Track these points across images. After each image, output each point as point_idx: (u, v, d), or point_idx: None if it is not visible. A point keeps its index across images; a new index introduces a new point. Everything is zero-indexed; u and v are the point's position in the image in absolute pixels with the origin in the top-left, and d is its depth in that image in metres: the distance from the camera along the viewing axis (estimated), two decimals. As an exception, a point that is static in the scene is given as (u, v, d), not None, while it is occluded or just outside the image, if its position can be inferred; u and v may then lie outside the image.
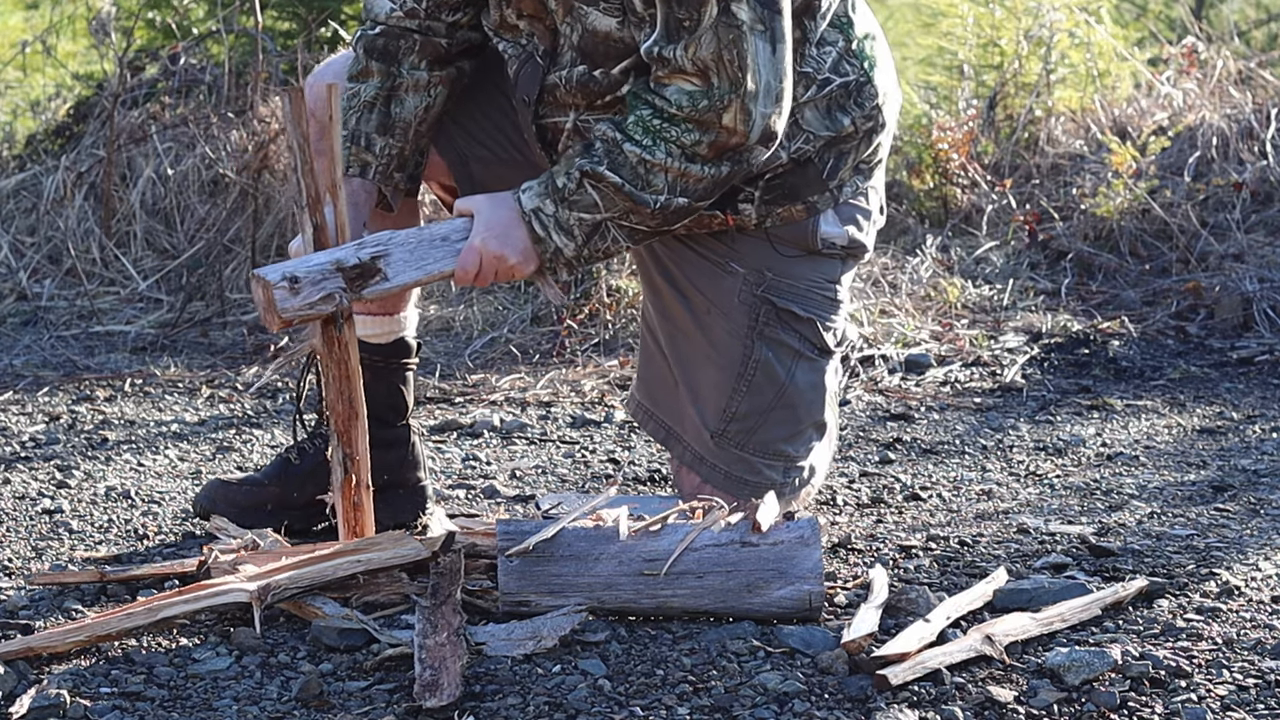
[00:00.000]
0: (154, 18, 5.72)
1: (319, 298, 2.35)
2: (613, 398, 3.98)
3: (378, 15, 2.66)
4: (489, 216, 2.46)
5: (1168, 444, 3.55)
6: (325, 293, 2.35)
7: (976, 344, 4.43)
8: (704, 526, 2.32)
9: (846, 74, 2.59)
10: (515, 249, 2.46)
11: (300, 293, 2.34)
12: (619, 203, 2.44)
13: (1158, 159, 5.26)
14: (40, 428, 3.70)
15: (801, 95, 2.56)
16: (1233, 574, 2.51)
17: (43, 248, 5.10)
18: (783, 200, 2.62)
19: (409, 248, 2.42)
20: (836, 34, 2.59)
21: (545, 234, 2.46)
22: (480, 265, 2.45)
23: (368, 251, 2.38)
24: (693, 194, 2.45)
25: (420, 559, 2.35)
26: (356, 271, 2.37)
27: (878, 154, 2.69)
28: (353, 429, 2.46)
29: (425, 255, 2.43)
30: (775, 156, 2.58)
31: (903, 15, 7.66)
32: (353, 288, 2.36)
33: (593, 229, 2.46)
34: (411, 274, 2.42)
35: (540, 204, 2.45)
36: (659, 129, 2.41)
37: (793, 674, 2.12)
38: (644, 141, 2.41)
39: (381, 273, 2.38)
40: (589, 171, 2.43)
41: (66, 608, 2.43)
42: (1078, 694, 2.07)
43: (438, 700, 2.01)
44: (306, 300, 2.34)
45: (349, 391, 2.45)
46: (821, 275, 2.69)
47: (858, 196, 2.68)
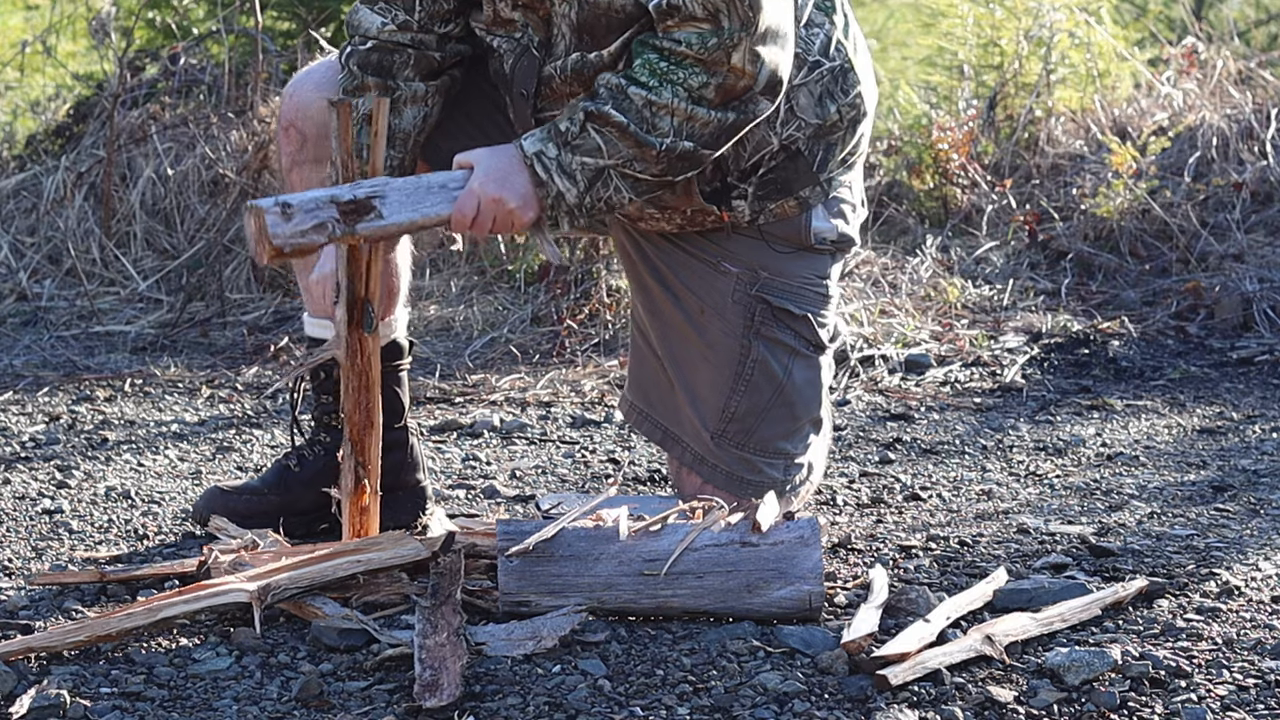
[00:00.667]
0: (154, 18, 5.72)
1: (311, 225, 2.30)
2: (613, 398, 3.98)
3: (368, 30, 2.63)
4: (489, 163, 2.41)
5: (1168, 444, 3.55)
6: (318, 221, 2.30)
7: (976, 344, 4.43)
8: (704, 526, 2.32)
9: (834, 59, 2.60)
10: (515, 193, 2.40)
11: (293, 219, 2.29)
12: (623, 146, 2.40)
13: (1158, 159, 5.26)
14: (40, 428, 3.70)
15: (795, 77, 2.56)
16: (1233, 574, 2.51)
17: (43, 248, 5.10)
18: (776, 195, 2.63)
19: (406, 190, 2.38)
20: (822, 16, 2.60)
21: (548, 177, 2.41)
22: (479, 210, 2.40)
23: (364, 190, 2.35)
24: (699, 139, 2.41)
25: (420, 559, 2.35)
26: (351, 205, 2.32)
27: (860, 145, 2.70)
28: (368, 438, 2.46)
29: (422, 199, 2.38)
30: (765, 141, 2.58)
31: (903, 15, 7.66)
32: (346, 220, 2.32)
33: (595, 174, 2.41)
34: (407, 214, 2.37)
35: (542, 147, 2.41)
36: (666, 71, 2.38)
37: (793, 674, 2.12)
38: (650, 83, 2.38)
39: (376, 210, 2.33)
40: (593, 113, 2.40)
41: (66, 608, 2.43)
42: (1078, 694, 2.07)
43: (438, 700, 2.01)
44: (298, 227, 2.29)
45: (367, 402, 2.44)
46: (813, 271, 2.70)
47: (840, 189, 2.69)
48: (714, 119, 2.41)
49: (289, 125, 2.76)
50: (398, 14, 2.62)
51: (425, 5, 2.61)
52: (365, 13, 2.64)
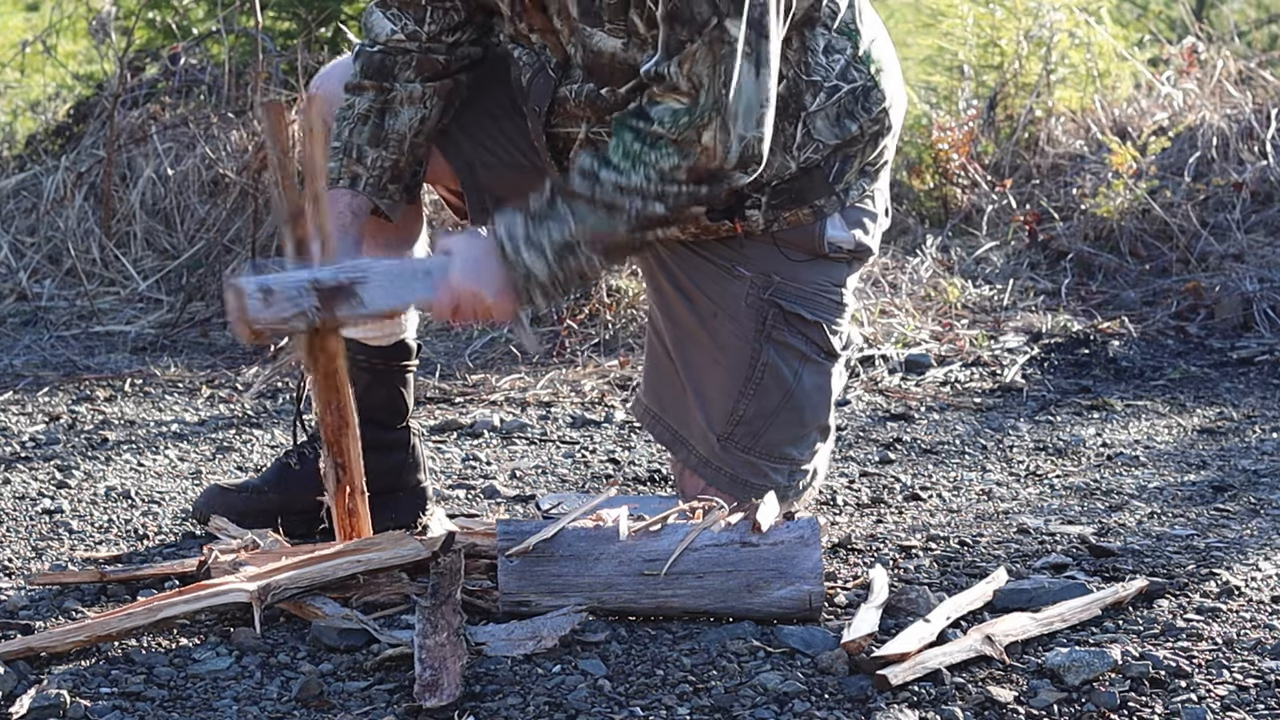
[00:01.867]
0: (154, 18, 5.72)
1: (291, 313, 2.34)
2: (613, 398, 3.98)
3: (377, 36, 2.65)
4: (465, 250, 2.42)
5: (1168, 444, 3.55)
6: (298, 309, 2.34)
7: (976, 344, 4.43)
8: (704, 527, 2.32)
9: (854, 80, 2.58)
10: (490, 284, 2.41)
11: (273, 305, 2.33)
12: (591, 215, 2.39)
13: (1158, 159, 5.26)
14: (40, 428, 3.70)
15: (811, 104, 2.56)
16: (1233, 574, 2.51)
17: (43, 248, 5.10)
18: (789, 205, 2.62)
19: (389, 276, 2.40)
20: (845, 41, 2.58)
21: (515, 255, 2.40)
22: (456, 301, 2.41)
23: (347, 275, 2.37)
24: (670, 206, 2.41)
25: (420, 559, 2.35)
26: (332, 291, 2.36)
27: (883, 156, 2.68)
28: (343, 438, 2.45)
29: (404, 286, 2.41)
30: (785, 166, 2.58)
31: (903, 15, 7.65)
32: (326, 307, 2.35)
33: (564, 248, 2.40)
34: (386, 302, 2.40)
35: (510, 227, 2.41)
36: (639, 153, 2.37)
37: (793, 674, 2.12)
38: (621, 166, 2.38)
39: (357, 297, 2.37)
40: (562, 188, 2.40)
41: (66, 608, 2.43)
42: (1078, 694, 2.07)
43: (438, 700, 2.01)
44: (278, 314, 2.34)
45: (337, 401, 2.44)
46: (828, 279, 2.69)
47: (864, 199, 2.68)
48: (685, 192, 2.41)
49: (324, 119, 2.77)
50: (408, 23, 2.62)
51: (436, 18, 2.62)
52: (378, 16, 2.65)
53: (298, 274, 2.36)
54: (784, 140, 2.56)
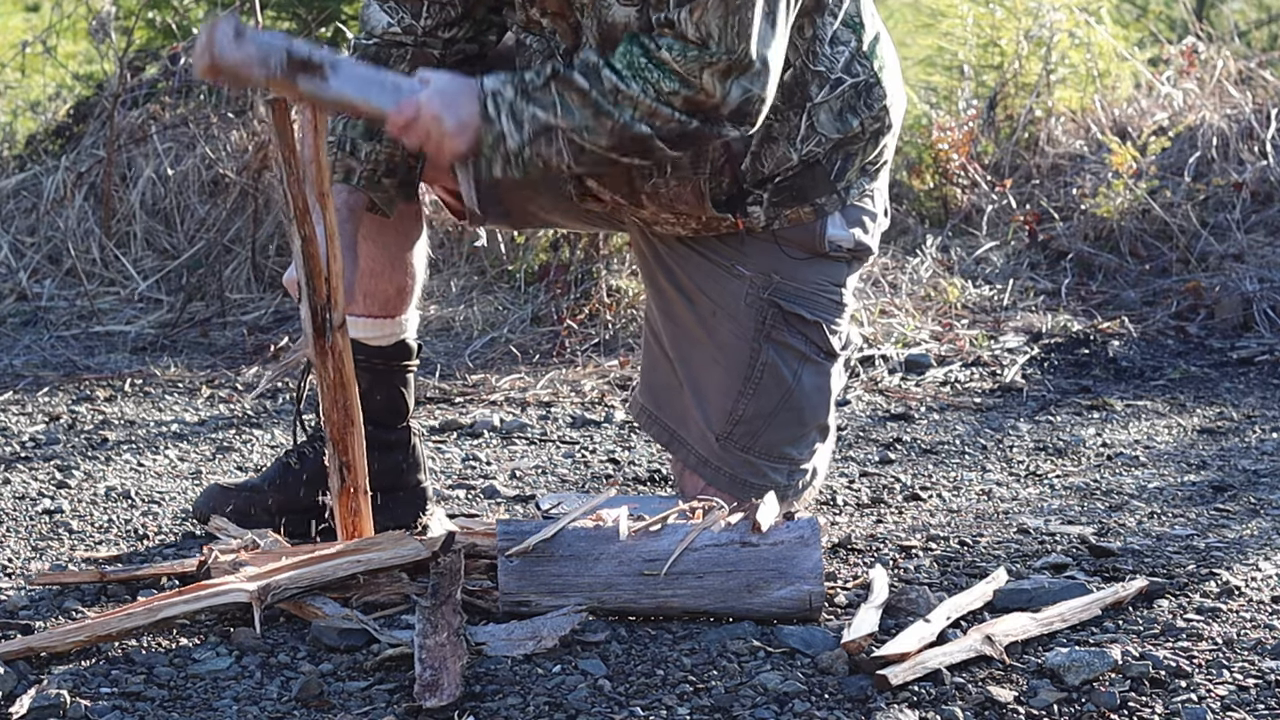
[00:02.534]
0: (154, 18, 5.72)
1: (256, 61, 2.31)
2: (613, 398, 3.98)
3: (373, 29, 2.65)
4: (445, 84, 2.41)
5: (1168, 444, 3.55)
6: (264, 58, 2.31)
7: (976, 344, 4.43)
8: (704, 527, 2.32)
9: (857, 74, 2.59)
10: (457, 118, 2.39)
11: (242, 48, 2.31)
12: (579, 113, 2.39)
13: (1158, 159, 5.26)
14: (40, 428, 3.70)
15: (816, 95, 2.56)
16: (1233, 574, 2.51)
17: (43, 248, 5.10)
18: (791, 202, 2.62)
19: (360, 73, 2.39)
20: (849, 34, 2.58)
21: (496, 116, 2.40)
22: (416, 119, 2.39)
23: (321, 55, 2.36)
24: (657, 130, 2.41)
25: (420, 559, 2.34)
26: (302, 62, 2.34)
27: (883, 156, 2.69)
28: (349, 436, 2.46)
29: (371, 86, 2.39)
30: (786, 157, 2.58)
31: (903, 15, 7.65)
32: (290, 69, 2.33)
33: (542, 129, 2.40)
34: (349, 91, 2.37)
35: (500, 87, 2.41)
36: (642, 67, 2.38)
37: (793, 674, 2.12)
38: (624, 72, 2.38)
39: (323, 75, 2.34)
40: (559, 74, 2.40)
41: (66, 608, 2.42)
42: (1078, 694, 2.07)
43: (438, 700, 2.01)
44: (244, 58, 2.31)
45: (344, 400, 2.45)
46: (827, 278, 2.69)
47: (863, 199, 2.68)
48: (676, 119, 2.41)
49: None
50: (404, 16, 2.62)
51: (433, 13, 2.62)
52: (375, 9, 2.65)
53: (277, 35, 2.36)
54: (788, 131, 2.56)
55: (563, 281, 4.62)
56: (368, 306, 2.77)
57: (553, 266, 4.67)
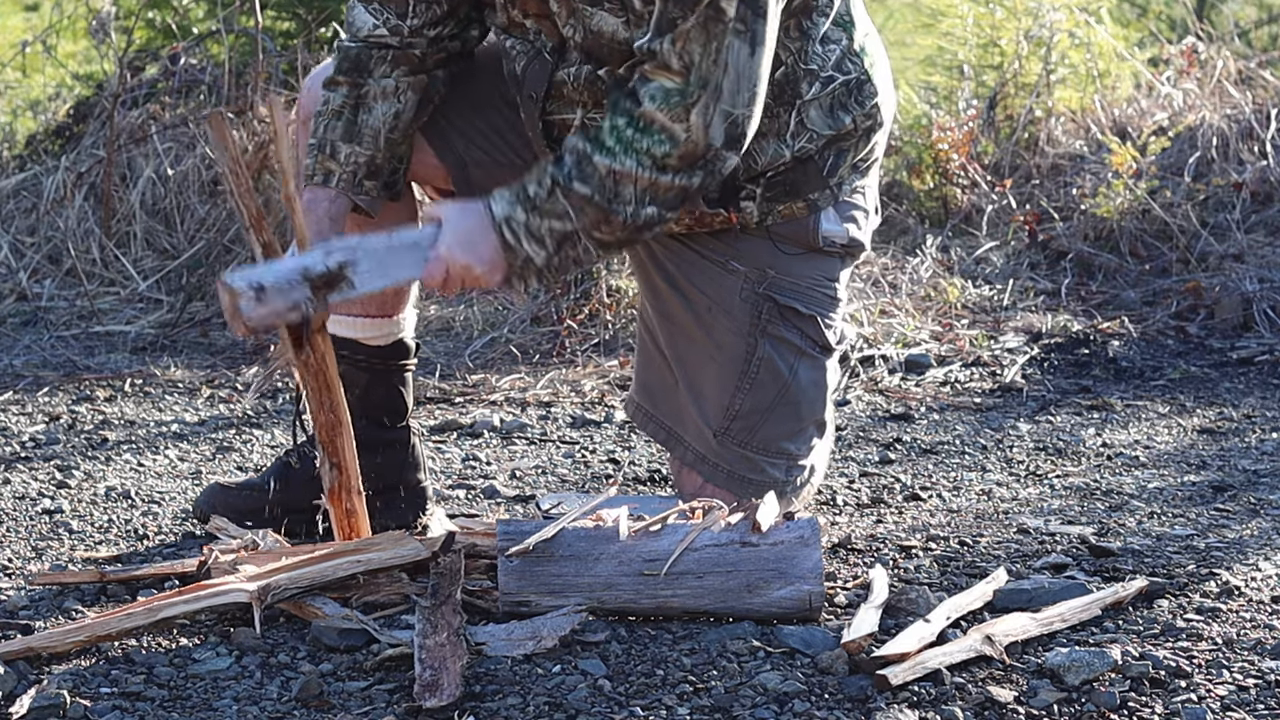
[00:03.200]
0: (154, 18, 5.72)
1: (285, 307, 2.34)
2: (613, 398, 3.98)
3: (358, 31, 2.64)
4: (457, 225, 2.42)
5: (1168, 444, 3.55)
6: (292, 303, 2.34)
7: (976, 344, 4.43)
8: (704, 526, 2.32)
9: (848, 71, 2.59)
10: (482, 258, 2.41)
11: (266, 302, 2.33)
12: (589, 214, 2.40)
13: (1158, 159, 5.26)
14: (40, 428, 3.70)
15: (806, 93, 2.57)
16: (1233, 574, 2.51)
17: (43, 248, 5.10)
18: (784, 198, 2.63)
19: (377, 255, 2.40)
20: (840, 32, 2.59)
21: (516, 243, 2.41)
22: (447, 274, 2.42)
23: (335, 259, 2.37)
24: (663, 203, 2.41)
25: (420, 559, 2.34)
26: (324, 280, 2.35)
27: (874, 153, 2.69)
28: (338, 437, 2.45)
29: (392, 263, 2.41)
30: (779, 154, 2.58)
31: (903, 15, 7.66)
32: (319, 296, 2.35)
33: (563, 238, 2.42)
34: (378, 282, 2.40)
35: (511, 212, 2.41)
36: (631, 139, 2.37)
37: (793, 674, 2.12)
38: (615, 150, 2.37)
39: (348, 280, 2.36)
40: (559, 182, 2.40)
41: (66, 608, 2.42)
42: (1078, 694, 2.07)
43: (438, 700, 2.01)
44: (273, 310, 2.34)
45: (330, 401, 2.44)
46: (821, 273, 2.70)
47: (855, 195, 2.69)
48: (677, 184, 2.40)
49: (306, 118, 2.77)
50: (390, 18, 2.62)
51: (419, 11, 2.61)
52: (360, 11, 2.64)
53: (287, 265, 2.36)
54: (778, 127, 2.57)
55: (563, 281, 4.62)
56: (365, 306, 2.77)
57: (553, 266, 4.67)
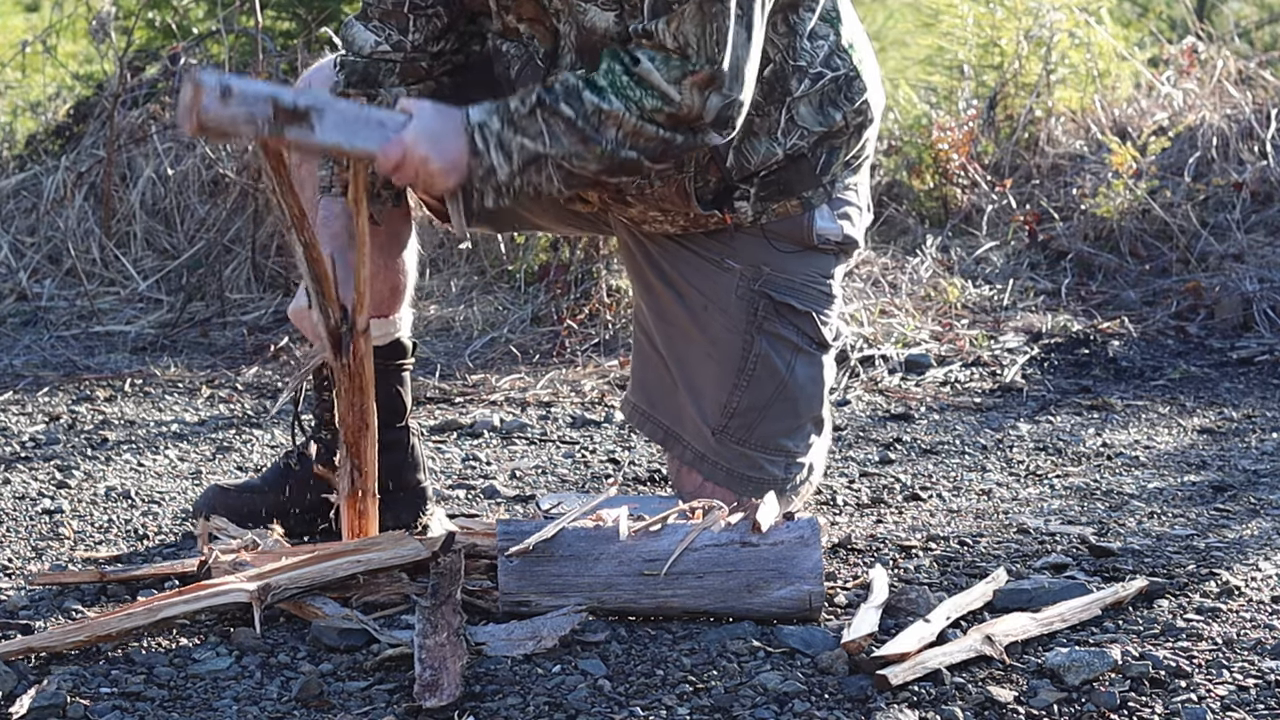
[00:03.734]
0: (154, 18, 5.72)
1: (243, 117, 2.32)
2: (613, 398, 3.98)
3: (360, 49, 2.64)
4: (430, 119, 2.41)
5: (1168, 444, 3.55)
6: (250, 114, 2.32)
7: (976, 344, 4.43)
8: (704, 526, 2.32)
9: (837, 68, 2.60)
10: (445, 155, 2.40)
11: (229, 105, 2.30)
12: (567, 140, 2.40)
13: (1158, 159, 5.26)
14: (40, 428, 3.70)
15: (796, 89, 2.58)
16: (1233, 574, 2.51)
17: (43, 248, 5.10)
18: (778, 196, 2.64)
19: (345, 115, 2.39)
20: (827, 28, 2.60)
21: (484, 149, 2.40)
22: (403, 159, 2.39)
23: (305, 100, 2.36)
24: (644, 150, 2.42)
25: (420, 559, 2.35)
26: (288, 112, 2.34)
27: (865, 149, 2.70)
28: (362, 440, 2.46)
29: (357, 129, 2.39)
30: (771, 152, 2.59)
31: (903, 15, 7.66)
32: (278, 121, 2.33)
33: (532, 159, 2.41)
34: (337, 137, 2.38)
35: (487, 119, 2.41)
36: (624, 86, 2.38)
37: (793, 674, 2.12)
38: (605, 91, 2.38)
39: (309, 122, 2.35)
40: (544, 102, 2.40)
41: (66, 608, 2.42)
42: (1078, 694, 2.07)
43: (438, 700, 2.01)
44: (231, 114, 2.31)
45: (361, 403, 2.44)
46: (816, 270, 2.70)
47: (847, 192, 2.70)
48: (660, 136, 2.41)
49: None
50: (391, 34, 2.62)
51: (419, 26, 2.62)
52: (359, 29, 2.65)
53: (260, 85, 2.36)
54: (769, 126, 2.58)
55: (563, 281, 4.62)
56: None
57: (553, 266, 4.67)
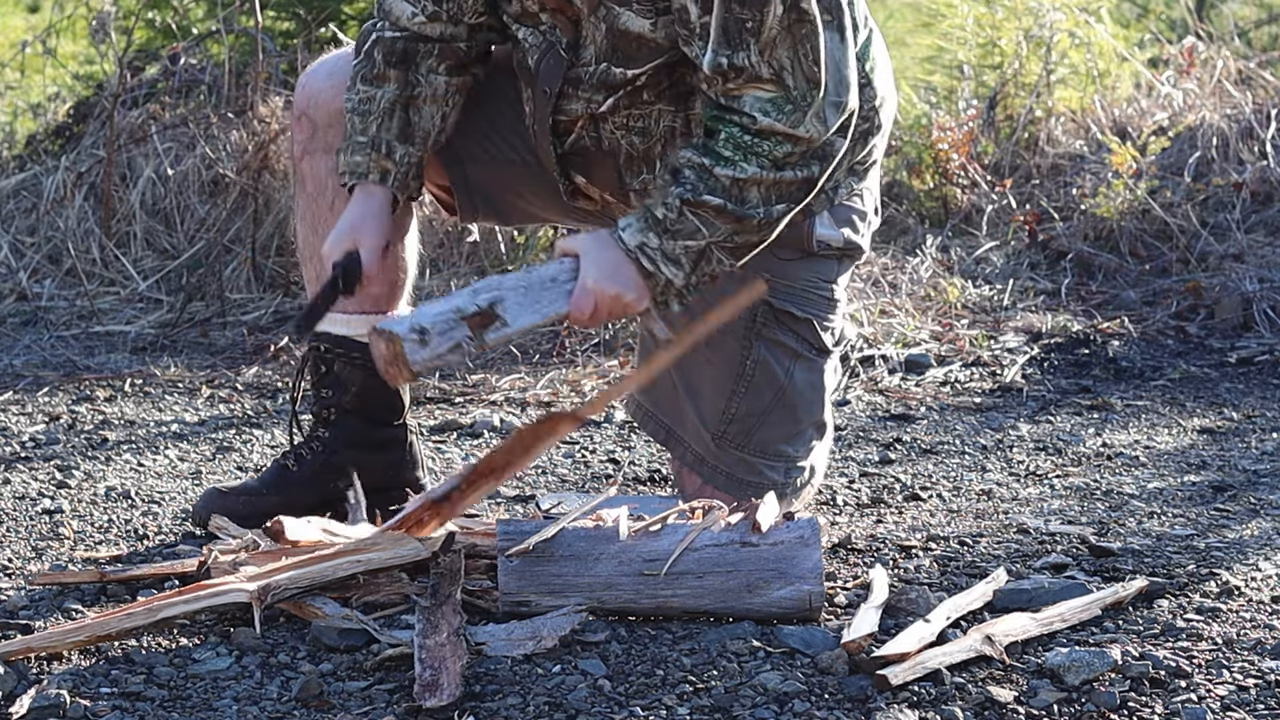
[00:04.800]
0: (154, 18, 5.72)
1: (447, 348, 2.33)
2: (613, 398, 3.98)
3: (398, 19, 2.61)
4: (596, 256, 2.41)
5: (1168, 444, 3.55)
6: (453, 342, 2.33)
7: (976, 344, 4.43)
8: (704, 526, 2.32)
9: None
10: (628, 285, 2.41)
11: (429, 344, 2.31)
12: (722, 225, 2.39)
13: (1158, 159, 5.26)
14: (40, 428, 3.70)
15: None
16: (1233, 574, 2.51)
17: (43, 248, 5.10)
18: None
19: (521, 291, 2.40)
20: None
21: (654, 268, 2.40)
22: (595, 305, 2.41)
23: (484, 298, 2.36)
24: (790, 198, 2.41)
25: (420, 559, 2.35)
26: (478, 319, 2.35)
27: (872, 155, 2.69)
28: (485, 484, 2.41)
29: (539, 298, 2.40)
30: None
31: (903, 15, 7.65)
32: (477, 335, 2.34)
33: (699, 255, 2.40)
34: (528, 317, 2.39)
35: (644, 239, 2.40)
36: (750, 145, 2.36)
37: (793, 674, 2.12)
38: (734, 159, 2.36)
39: (500, 318, 2.36)
40: (688, 200, 2.39)
41: (66, 608, 2.42)
42: (1078, 694, 2.07)
43: (438, 700, 2.01)
44: (435, 351, 2.32)
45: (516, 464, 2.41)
46: (817, 275, 2.69)
47: (852, 198, 2.69)
48: (799, 177, 2.39)
49: (301, 114, 2.76)
50: (427, 4, 2.60)
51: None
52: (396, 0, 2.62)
53: (438, 307, 2.35)
54: None
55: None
56: (360, 304, 2.77)
57: (553, 266, 4.67)
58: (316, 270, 2.78)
